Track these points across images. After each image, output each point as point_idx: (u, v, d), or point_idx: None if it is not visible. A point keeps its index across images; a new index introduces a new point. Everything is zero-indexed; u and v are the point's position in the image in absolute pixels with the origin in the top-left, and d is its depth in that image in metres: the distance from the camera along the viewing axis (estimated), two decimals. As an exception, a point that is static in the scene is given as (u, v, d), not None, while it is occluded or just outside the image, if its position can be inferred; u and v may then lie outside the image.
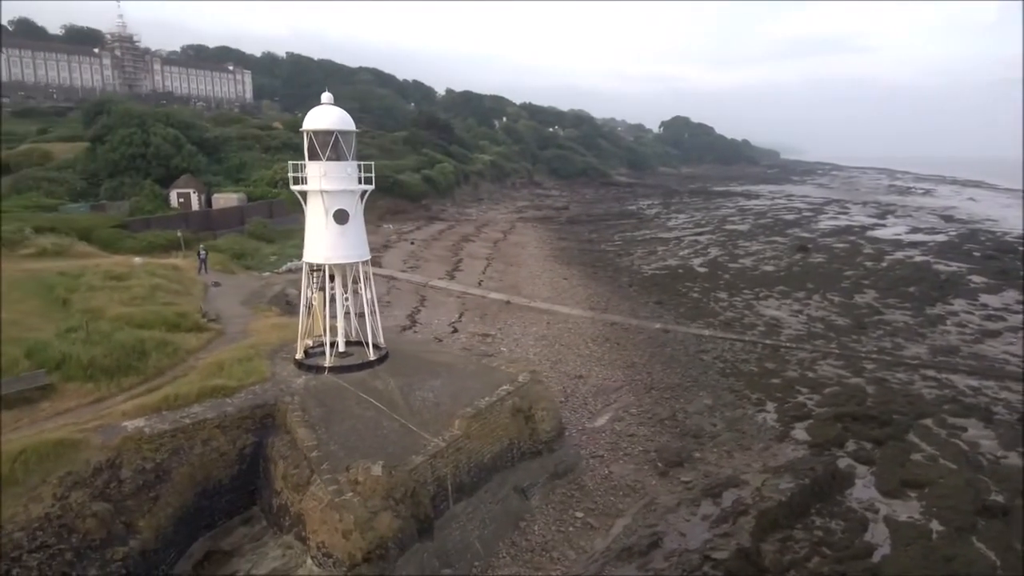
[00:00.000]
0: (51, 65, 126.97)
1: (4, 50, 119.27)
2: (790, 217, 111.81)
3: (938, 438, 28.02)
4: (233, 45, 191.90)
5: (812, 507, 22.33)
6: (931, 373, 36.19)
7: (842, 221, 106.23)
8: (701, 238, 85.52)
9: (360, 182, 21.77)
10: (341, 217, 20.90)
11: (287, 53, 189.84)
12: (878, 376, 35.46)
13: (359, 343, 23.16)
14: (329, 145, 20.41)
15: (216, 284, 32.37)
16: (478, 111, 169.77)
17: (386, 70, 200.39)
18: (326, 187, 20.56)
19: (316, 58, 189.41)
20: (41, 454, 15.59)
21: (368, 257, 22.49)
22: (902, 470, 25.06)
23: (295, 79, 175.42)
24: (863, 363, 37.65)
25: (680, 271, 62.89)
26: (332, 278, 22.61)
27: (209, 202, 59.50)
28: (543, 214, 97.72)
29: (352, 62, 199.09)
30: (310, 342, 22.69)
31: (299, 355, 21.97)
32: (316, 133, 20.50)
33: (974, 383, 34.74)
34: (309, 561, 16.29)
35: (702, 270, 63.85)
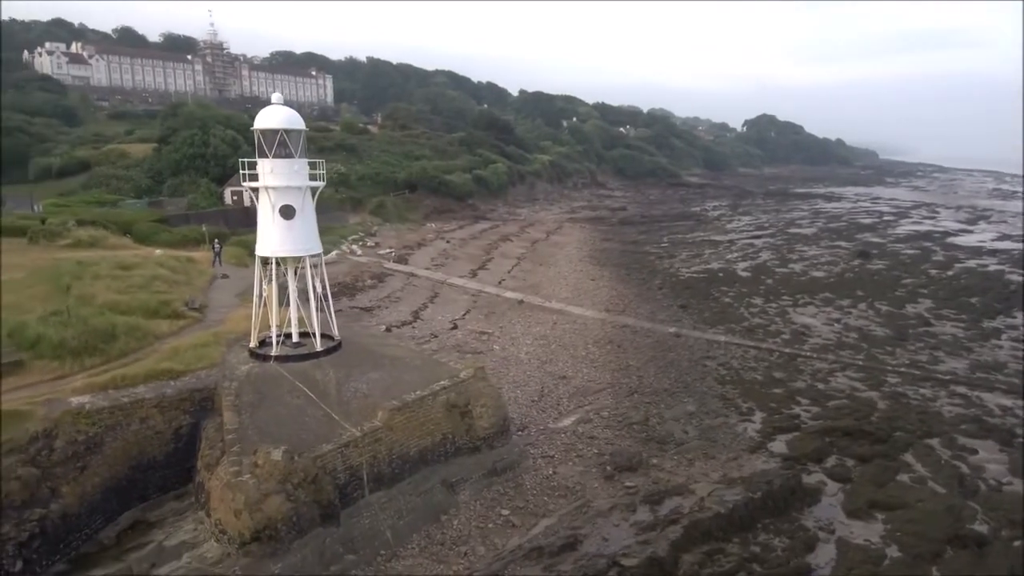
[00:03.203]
0: (148, 71, 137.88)
1: (105, 57, 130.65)
2: (867, 221, 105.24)
3: (937, 459, 26.01)
4: (319, 51, 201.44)
5: (759, 522, 21.31)
6: (962, 390, 33.54)
7: (924, 226, 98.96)
8: (757, 241, 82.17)
9: (310, 179, 22.56)
10: (287, 212, 21.84)
11: (367, 58, 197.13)
12: (897, 391, 33.22)
13: (324, 335, 24.11)
14: (275, 143, 21.38)
15: (224, 276, 34.42)
16: (548, 112, 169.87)
17: (463, 73, 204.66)
18: (271, 183, 21.57)
19: (395, 62, 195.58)
20: (-14, 422, 17.28)
21: (319, 251, 23.36)
22: (878, 491, 23.43)
23: (373, 82, 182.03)
24: (886, 376, 35.36)
25: (720, 275, 60.81)
26: (294, 272, 23.66)
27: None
28: (597, 215, 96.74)
29: (432, 65, 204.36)
30: (274, 332, 23.73)
31: (252, 344, 23.11)
32: (264, 132, 21.54)
33: (1007, 403, 31.95)
34: (212, 537, 17.24)
35: (744, 274, 61.50)
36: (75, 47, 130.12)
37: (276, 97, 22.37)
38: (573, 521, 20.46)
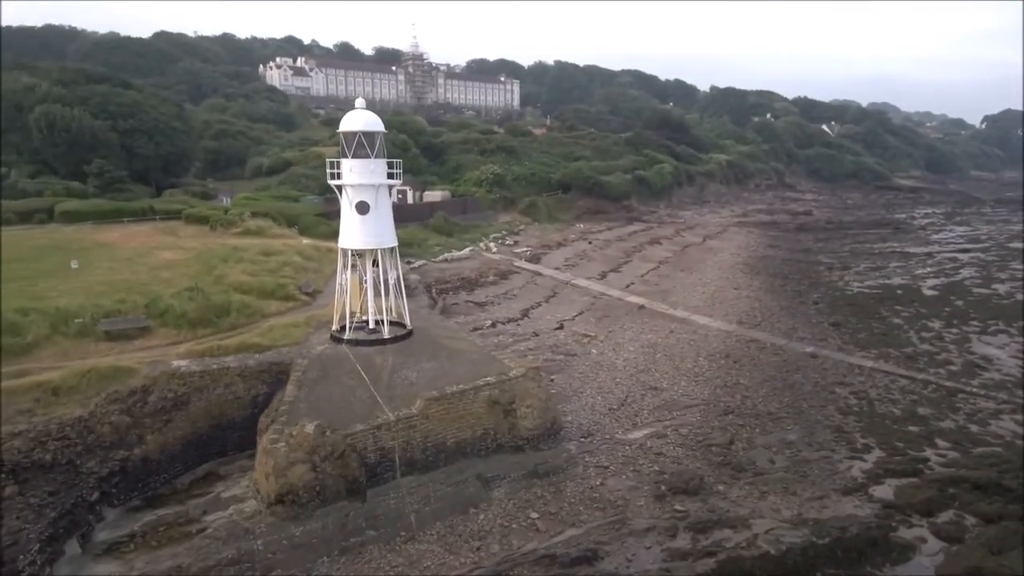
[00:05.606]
0: (359, 81, 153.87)
1: (323, 70, 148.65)
2: None
3: (1097, 534, 20.80)
4: (511, 58, 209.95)
5: (819, 571, 18.79)
6: None
7: None
8: (963, 256, 70.70)
9: (387, 177, 24.07)
10: (362, 208, 23.55)
11: (555, 61, 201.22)
12: (1077, 444, 27.03)
13: (397, 323, 25.69)
14: (354, 145, 23.15)
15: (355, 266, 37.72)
16: (738, 109, 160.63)
17: (651, 71, 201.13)
18: (348, 181, 23.39)
19: (582, 64, 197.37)
20: (102, 374, 21.06)
21: (393, 244, 24.81)
22: (989, 557, 19.41)
23: (559, 85, 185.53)
24: (1070, 426, 28.91)
25: (898, 292, 53.43)
26: (375, 263, 25.45)
27: (422, 198, 67.44)
28: (772, 219, 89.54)
29: (619, 65, 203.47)
30: (347, 317, 25.65)
31: (334, 327, 25.24)
32: (345, 135, 23.44)
33: None
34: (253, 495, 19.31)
35: (930, 293, 53.43)
36: (300, 61, 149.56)
37: (359, 102, 24.23)
38: (601, 536, 19.65)
